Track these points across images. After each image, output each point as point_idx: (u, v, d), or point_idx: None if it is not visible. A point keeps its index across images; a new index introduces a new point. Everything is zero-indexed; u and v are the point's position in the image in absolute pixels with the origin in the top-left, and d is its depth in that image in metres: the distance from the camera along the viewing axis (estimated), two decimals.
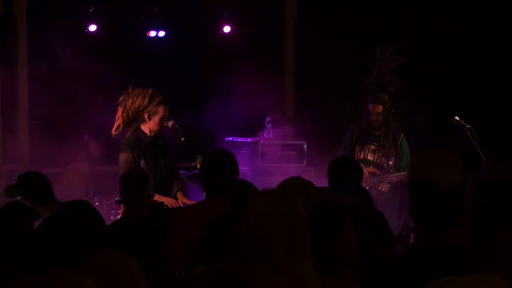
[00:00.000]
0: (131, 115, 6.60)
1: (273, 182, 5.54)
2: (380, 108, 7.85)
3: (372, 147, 7.88)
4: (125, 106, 6.64)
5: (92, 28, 9.52)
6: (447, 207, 2.82)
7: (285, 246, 2.68)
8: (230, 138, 8.59)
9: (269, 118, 8.68)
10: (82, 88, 9.14)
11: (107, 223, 7.14)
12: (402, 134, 8.00)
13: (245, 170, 8.29)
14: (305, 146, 8.61)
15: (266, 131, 8.60)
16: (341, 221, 3.40)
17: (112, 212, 8.15)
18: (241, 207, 2.89)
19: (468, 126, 7.20)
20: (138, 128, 6.63)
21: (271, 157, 8.48)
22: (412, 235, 4.86)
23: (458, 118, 7.35)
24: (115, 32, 9.68)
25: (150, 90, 6.66)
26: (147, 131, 6.61)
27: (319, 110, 10.03)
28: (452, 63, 10.16)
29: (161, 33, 9.87)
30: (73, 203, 5.40)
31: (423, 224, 2.83)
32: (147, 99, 6.57)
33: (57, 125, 9.05)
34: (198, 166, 6.24)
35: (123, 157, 6.49)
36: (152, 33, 9.82)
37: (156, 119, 6.57)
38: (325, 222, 3.35)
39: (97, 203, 8.16)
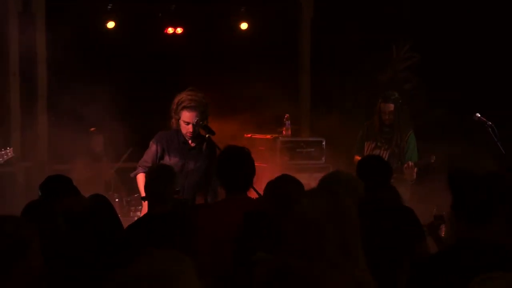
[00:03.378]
0: (172, 116, 6.70)
1: None
2: (391, 106, 7.83)
3: (379, 143, 7.87)
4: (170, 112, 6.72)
5: (110, 25, 9.55)
6: (486, 194, 2.87)
7: (339, 244, 2.68)
8: (249, 135, 8.59)
9: (287, 115, 8.68)
10: (100, 84, 9.16)
11: (127, 219, 7.20)
12: (412, 131, 7.97)
13: (264, 167, 8.30)
14: (323, 143, 8.62)
15: (284, 128, 8.59)
16: None
17: (132, 209, 8.18)
18: (288, 203, 2.89)
19: (490, 123, 7.17)
20: (177, 127, 6.72)
21: (290, 154, 8.48)
22: (442, 227, 4.86)
23: (479, 115, 7.32)
24: (132, 29, 9.70)
25: (182, 94, 6.70)
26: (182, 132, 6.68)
27: (335, 107, 10.02)
28: (468, 61, 10.14)
29: (179, 30, 9.89)
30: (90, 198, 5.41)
31: (464, 216, 2.85)
32: (175, 103, 6.64)
33: (75, 122, 9.06)
34: None
35: (150, 144, 6.61)
36: (170, 30, 9.85)
37: (181, 122, 6.63)
38: None
39: (117, 200, 8.19)
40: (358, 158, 7.86)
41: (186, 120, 6.62)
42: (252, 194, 5.73)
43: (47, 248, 3.27)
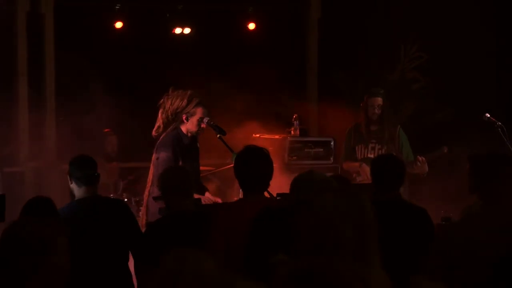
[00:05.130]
0: (170, 116, 6.66)
1: None
2: (379, 100, 7.85)
3: (371, 144, 7.86)
4: (164, 108, 6.68)
5: (118, 25, 9.57)
6: None
7: (356, 245, 2.68)
8: (257, 135, 8.59)
9: (295, 115, 8.68)
10: (108, 84, 9.18)
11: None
12: (399, 126, 7.97)
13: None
14: (332, 143, 8.61)
15: (293, 128, 8.59)
16: None
17: (140, 209, 8.17)
18: (303, 200, 2.88)
19: (499, 123, 7.17)
20: (177, 128, 6.68)
21: (298, 154, 8.48)
22: None
23: (489, 115, 7.32)
24: (140, 29, 9.71)
25: (189, 92, 6.71)
26: (185, 132, 6.66)
27: (343, 107, 10.02)
28: (477, 61, 10.12)
29: (186, 30, 9.91)
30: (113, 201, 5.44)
31: None
32: (185, 101, 6.63)
33: (83, 122, 9.09)
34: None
35: (164, 155, 6.52)
36: (178, 30, 9.86)
37: (193, 120, 6.63)
38: None
39: (125, 200, 8.19)
40: (349, 164, 7.87)
41: (203, 116, 6.64)
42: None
43: None
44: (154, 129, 6.78)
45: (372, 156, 7.72)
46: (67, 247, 2.86)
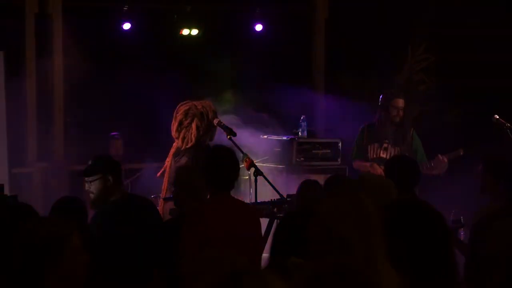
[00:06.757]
0: (206, 129, 6.69)
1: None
2: (402, 102, 7.84)
3: (385, 144, 7.85)
4: (201, 121, 6.69)
5: (126, 26, 9.59)
6: None
7: (363, 246, 2.68)
8: (265, 136, 8.59)
9: (303, 116, 8.69)
10: (116, 86, 9.19)
11: None
12: (413, 129, 7.96)
13: (280, 168, 8.32)
14: (340, 144, 8.61)
15: (300, 129, 8.59)
16: None
17: None
18: (310, 205, 2.90)
19: (508, 124, 7.17)
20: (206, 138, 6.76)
21: (306, 155, 8.48)
22: (461, 231, 4.87)
23: (497, 117, 7.31)
24: (148, 31, 9.74)
25: (204, 102, 6.77)
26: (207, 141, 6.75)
27: (350, 108, 10.03)
28: (484, 62, 10.12)
29: (194, 32, 9.93)
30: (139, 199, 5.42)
31: None
32: (215, 111, 6.73)
33: (91, 123, 9.10)
34: (245, 165, 6.25)
35: (184, 161, 6.58)
36: (185, 32, 9.89)
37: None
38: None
39: None
40: (359, 163, 7.86)
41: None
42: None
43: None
44: (189, 143, 6.68)
45: (384, 156, 7.72)
46: (82, 246, 2.87)
